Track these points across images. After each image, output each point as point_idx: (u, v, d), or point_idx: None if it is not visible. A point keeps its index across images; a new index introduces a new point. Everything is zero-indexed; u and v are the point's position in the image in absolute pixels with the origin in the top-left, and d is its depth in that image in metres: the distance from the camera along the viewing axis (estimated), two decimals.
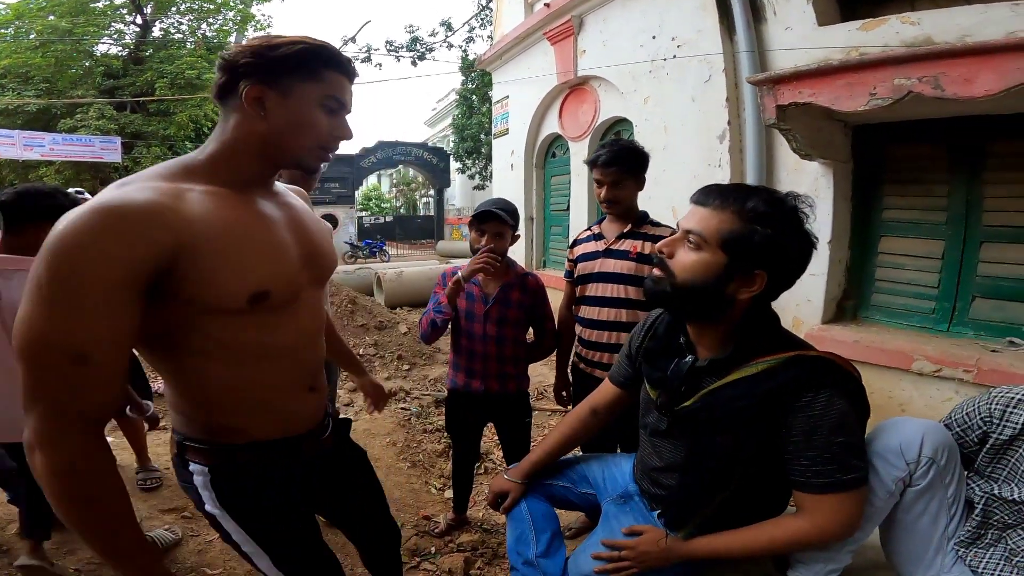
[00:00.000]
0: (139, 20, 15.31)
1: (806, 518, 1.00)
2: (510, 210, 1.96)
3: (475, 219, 1.95)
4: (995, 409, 1.02)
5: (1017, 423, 0.98)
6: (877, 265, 2.98)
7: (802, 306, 3.08)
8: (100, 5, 14.24)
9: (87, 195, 2.25)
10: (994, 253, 2.54)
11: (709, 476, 1.07)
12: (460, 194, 23.24)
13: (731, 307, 1.02)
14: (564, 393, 2.26)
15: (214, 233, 0.80)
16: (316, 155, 0.92)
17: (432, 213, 22.40)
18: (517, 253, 6.11)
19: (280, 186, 1.06)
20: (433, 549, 2.24)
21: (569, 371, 2.23)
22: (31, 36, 13.57)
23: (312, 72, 0.86)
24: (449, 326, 2.09)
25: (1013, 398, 1.00)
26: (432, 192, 22.11)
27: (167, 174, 0.84)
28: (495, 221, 1.92)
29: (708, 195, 1.02)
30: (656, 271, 1.07)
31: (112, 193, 0.77)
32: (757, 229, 0.95)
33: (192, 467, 0.94)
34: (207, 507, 0.96)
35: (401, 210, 29.78)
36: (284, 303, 0.91)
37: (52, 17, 13.47)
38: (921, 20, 2.35)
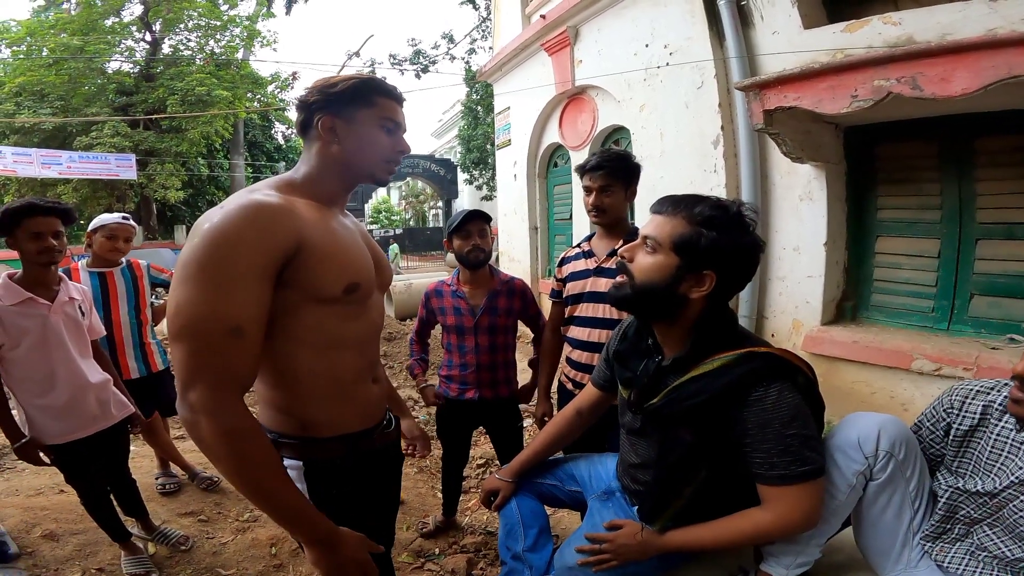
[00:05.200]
0: (148, 37, 15.63)
1: (768, 510, 1.04)
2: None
3: (457, 228, 2.03)
4: (955, 400, 1.05)
5: (976, 413, 1.01)
6: (875, 265, 2.98)
7: (801, 308, 3.08)
8: (109, 23, 14.53)
9: (130, 219, 2.39)
10: (990, 250, 2.53)
11: (676, 470, 1.11)
12: (468, 205, 23.36)
13: (685, 306, 1.08)
14: (547, 419, 2.08)
15: (319, 234, 0.96)
16: (384, 168, 1.09)
17: (440, 224, 22.58)
18: (522, 262, 6.16)
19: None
20: (437, 550, 2.28)
21: (556, 392, 2.11)
22: (44, 53, 13.89)
23: (368, 100, 1.04)
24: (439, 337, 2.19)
25: (972, 389, 1.04)
26: (440, 203, 22.26)
27: (279, 187, 1.00)
28: (478, 220, 2.02)
29: (663, 204, 1.11)
30: (620, 276, 1.14)
31: (249, 196, 0.92)
32: (703, 232, 1.03)
33: (286, 463, 1.04)
34: None
35: (410, 222, 30.00)
36: (364, 298, 1.07)
37: (63, 35, 13.80)
38: (903, 20, 2.37)
